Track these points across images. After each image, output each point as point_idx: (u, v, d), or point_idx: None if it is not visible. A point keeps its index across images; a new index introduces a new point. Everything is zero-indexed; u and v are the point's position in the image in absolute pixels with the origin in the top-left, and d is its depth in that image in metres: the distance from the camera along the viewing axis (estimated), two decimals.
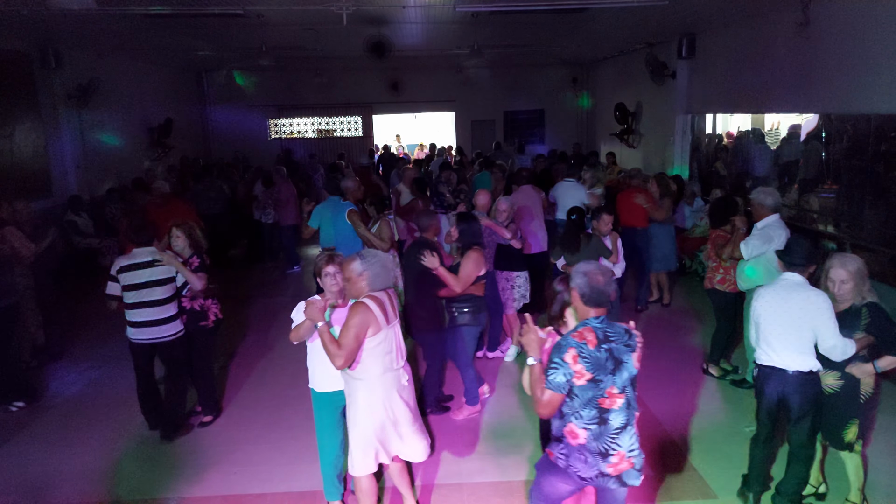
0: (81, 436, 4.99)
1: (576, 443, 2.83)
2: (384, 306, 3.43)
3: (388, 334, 3.44)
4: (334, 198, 6.77)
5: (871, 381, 3.68)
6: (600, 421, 2.79)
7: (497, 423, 5.04)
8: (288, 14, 8.04)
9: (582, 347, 2.74)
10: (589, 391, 2.76)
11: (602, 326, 2.82)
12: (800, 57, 7.50)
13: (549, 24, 9.58)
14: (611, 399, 2.79)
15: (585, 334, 2.78)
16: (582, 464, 2.83)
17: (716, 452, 4.55)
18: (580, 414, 2.80)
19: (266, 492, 4.18)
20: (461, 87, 16.19)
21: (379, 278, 3.42)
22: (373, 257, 3.45)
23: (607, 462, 2.81)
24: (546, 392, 2.77)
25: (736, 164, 9.82)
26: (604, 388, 2.76)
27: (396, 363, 3.52)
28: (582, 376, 2.73)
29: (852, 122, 6.91)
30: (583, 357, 2.72)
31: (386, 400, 3.45)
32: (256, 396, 5.59)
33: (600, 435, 2.80)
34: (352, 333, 3.27)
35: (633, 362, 2.85)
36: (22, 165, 8.93)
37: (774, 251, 3.90)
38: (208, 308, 4.97)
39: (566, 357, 2.74)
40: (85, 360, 6.44)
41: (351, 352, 3.28)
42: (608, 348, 2.77)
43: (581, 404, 2.78)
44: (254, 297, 8.60)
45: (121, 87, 11.52)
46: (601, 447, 2.80)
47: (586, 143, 16.43)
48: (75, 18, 7.60)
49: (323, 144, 16.76)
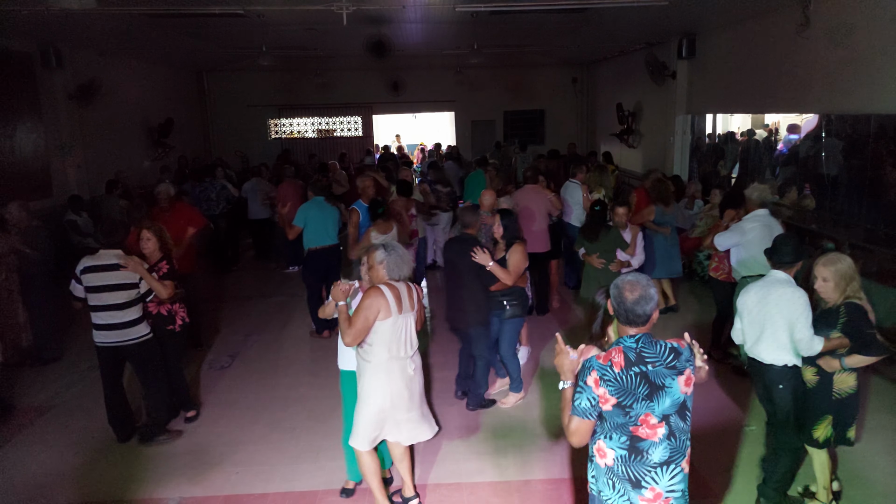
0: (82, 436, 5.00)
1: (603, 463, 2.51)
2: (400, 295, 3.61)
3: (398, 322, 3.60)
4: (319, 198, 6.82)
5: (850, 380, 3.66)
6: (632, 450, 2.43)
7: (497, 423, 5.05)
8: (288, 14, 8.05)
9: (605, 370, 2.40)
10: (617, 417, 2.42)
11: (636, 346, 2.44)
12: (800, 57, 7.52)
13: (549, 24, 9.59)
14: (647, 429, 2.40)
15: (613, 355, 2.43)
16: (609, 489, 2.49)
17: (716, 452, 4.56)
18: (611, 435, 2.46)
19: (267, 492, 4.19)
20: (461, 87, 16.19)
21: (398, 268, 3.64)
22: (394, 249, 3.68)
23: (639, 493, 2.43)
24: (573, 419, 2.45)
25: (748, 164, 9.77)
26: (635, 415, 2.39)
27: (404, 351, 3.67)
28: (608, 402, 2.40)
29: (851, 122, 6.92)
30: (605, 381, 2.39)
31: (388, 384, 3.63)
32: (257, 397, 5.60)
33: (632, 463, 2.44)
34: (362, 315, 3.51)
35: (680, 386, 2.43)
36: (22, 165, 8.93)
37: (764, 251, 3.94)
38: (175, 312, 4.96)
39: (588, 381, 2.42)
40: (85, 361, 6.44)
41: (359, 331, 3.51)
42: (641, 371, 2.40)
43: (611, 428, 2.45)
44: (254, 297, 8.61)
45: (121, 87, 11.52)
46: (631, 475, 2.44)
47: (586, 143, 16.43)
48: (76, 18, 7.62)
49: (323, 144, 16.77)
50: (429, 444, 4.68)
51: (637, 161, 12.84)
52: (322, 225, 6.72)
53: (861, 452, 4.45)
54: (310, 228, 6.68)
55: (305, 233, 6.70)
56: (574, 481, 4.25)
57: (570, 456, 4.54)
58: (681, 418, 2.44)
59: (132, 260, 4.54)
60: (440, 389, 5.59)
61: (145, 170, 12.13)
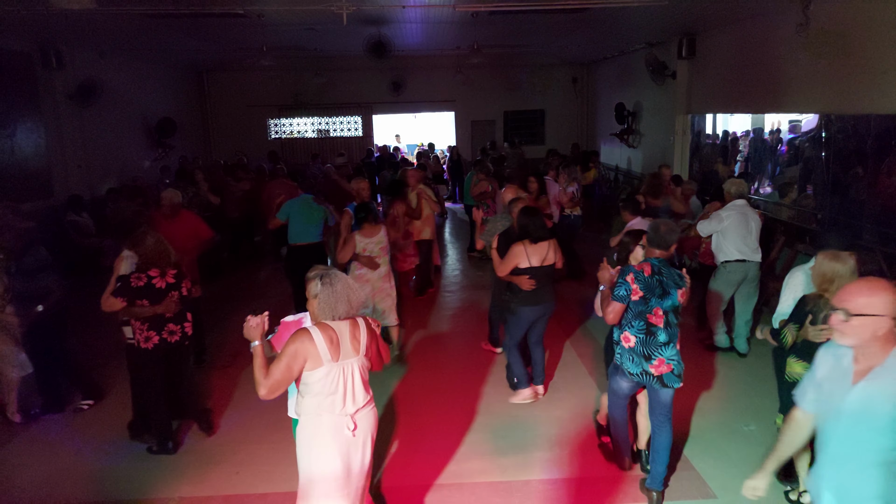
0: (82, 436, 5.00)
1: (627, 346, 3.84)
2: (337, 338, 2.98)
3: (332, 372, 2.95)
4: (307, 196, 6.95)
5: (794, 365, 3.80)
6: (647, 332, 3.77)
7: (497, 423, 5.05)
8: (288, 14, 8.04)
9: (639, 274, 3.74)
10: (640, 306, 3.75)
11: (658, 264, 3.79)
12: (800, 57, 7.52)
13: (549, 24, 9.58)
14: (656, 317, 3.75)
15: (644, 266, 3.78)
16: (630, 362, 3.84)
17: (715, 452, 4.56)
18: (632, 324, 3.79)
19: (268, 492, 4.19)
20: (461, 87, 16.18)
21: (330, 307, 2.98)
22: (333, 280, 3.01)
23: (650, 363, 3.78)
24: (612, 303, 3.77)
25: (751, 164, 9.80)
26: (651, 306, 3.74)
27: (342, 407, 2.99)
28: (637, 294, 3.73)
29: (852, 122, 6.93)
30: (638, 280, 3.73)
31: (317, 448, 3.00)
32: (258, 397, 5.57)
33: (647, 343, 3.77)
34: (283, 363, 2.91)
35: (678, 296, 3.79)
36: (22, 165, 8.93)
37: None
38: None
39: (627, 278, 3.75)
40: (85, 361, 6.43)
41: (276, 382, 2.93)
42: (659, 279, 3.75)
43: (633, 316, 3.77)
44: (254, 297, 8.61)
45: (121, 87, 11.52)
46: (646, 352, 3.78)
47: (586, 143, 16.44)
48: (76, 18, 7.61)
49: (323, 144, 16.76)
50: (429, 444, 4.69)
51: (637, 161, 12.84)
52: (305, 222, 6.79)
53: None
54: (293, 225, 6.79)
55: (289, 229, 6.82)
56: (574, 481, 4.25)
57: (570, 456, 4.54)
58: (675, 315, 3.83)
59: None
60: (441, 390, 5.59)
61: (145, 170, 12.12)
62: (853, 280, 3.54)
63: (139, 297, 4.40)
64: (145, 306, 4.41)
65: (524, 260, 4.96)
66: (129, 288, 4.37)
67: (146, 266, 4.47)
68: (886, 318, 2.23)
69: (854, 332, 2.28)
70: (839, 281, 3.52)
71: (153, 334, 4.50)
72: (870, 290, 2.27)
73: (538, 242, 4.98)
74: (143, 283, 4.41)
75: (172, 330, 4.57)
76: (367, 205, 6.07)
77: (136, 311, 4.41)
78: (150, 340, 4.50)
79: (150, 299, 4.42)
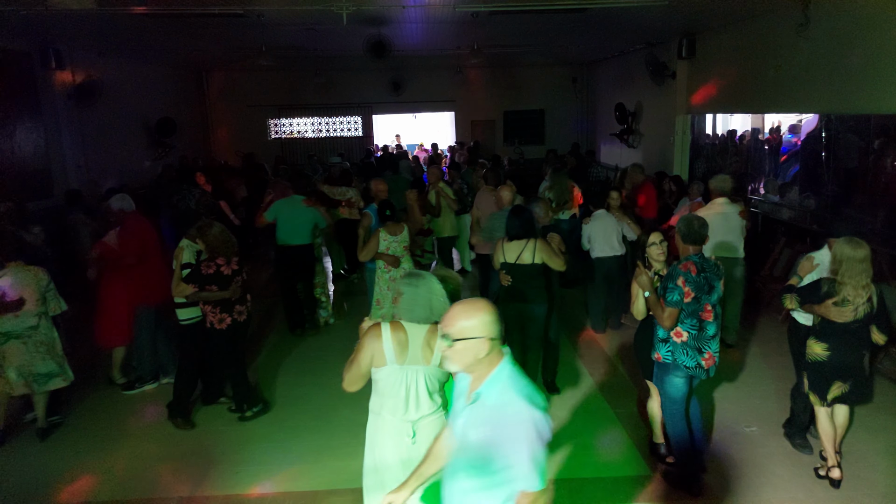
0: (82, 435, 5.00)
1: (680, 340, 3.91)
2: (406, 341, 2.88)
3: (395, 375, 2.88)
4: (297, 197, 6.99)
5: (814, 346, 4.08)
6: (699, 329, 3.87)
7: None
8: (288, 14, 8.04)
9: (688, 275, 3.78)
10: (693, 305, 3.82)
11: (699, 261, 3.86)
12: (800, 57, 7.51)
13: (549, 24, 9.58)
14: (706, 313, 3.86)
15: (689, 266, 3.81)
16: (684, 356, 3.90)
17: (715, 452, 4.56)
18: (684, 322, 3.87)
19: (268, 492, 4.19)
20: (461, 87, 16.19)
21: (410, 309, 2.91)
22: (419, 283, 2.92)
23: (702, 356, 3.90)
24: (667, 309, 3.81)
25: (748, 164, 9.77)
26: (703, 304, 3.83)
27: (402, 412, 2.91)
28: (690, 295, 3.78)
29: (852, 122, 6.93)
30: (689, 282, 3.77)
31: (377, 445, 2.98)
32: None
33: (699, 338, 3.88)
34: (357, 355, 2.90)
35: (720, 287, 3.91)
36: (22, 165, 8.93)
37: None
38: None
39: (678, 282, 3.78)
40: (84, 360, 6.44)
41: (352, 375, 2.90)
42: (705, 276, 3.81)
43: (686, 315, 3.85)
44: (254, 297, 8.58)
45: (121, 87, 11.51)
46: (698, 345, 3.89)
47: (586, 143, 16.43)
48: (76, 18, 7.61)
49: (323, 144, 16.76)
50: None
51: (637, 161, 12.82)
52: (292, 224, 6.83)
53: (861, 453, 4.46)
54: (281, 225, 6.86)
55: (277, 230, 6.90)
56: (574, 481, 4.25)
57: (570, 456, 4.54)
58: (719, 307, 3.92)
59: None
60: None
61: (145, 170, 12.12)
62: (867, 267, 3.76)
63: (209, 283, 4.77)
64: (214, 291, 4.79)
65: (500, 255, 5.13)
66: (199, 275, 4.76)
67: (214, 255, 4.82)
68: (485, 339, 2.16)
69: (458, 357, 2.19)
70: (849, 265, 3.79)
71: (226, 316, 4.92)
72: (467, 312, 2.18)
73: (513, 240, 5.08)
74: (213, 271, 4.77)
75: (240, 311, 5.02)
76: (389, 202, 6.09)
77: (204, 295, 4.81)
78: (224, 322, 4.92)
79: (220, 285, 4.80)
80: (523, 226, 5.05)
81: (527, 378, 2.24)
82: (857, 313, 3.85)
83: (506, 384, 2.18)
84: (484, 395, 2.20)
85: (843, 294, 3.84)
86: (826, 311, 3.91)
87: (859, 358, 3.99)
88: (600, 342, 6.74)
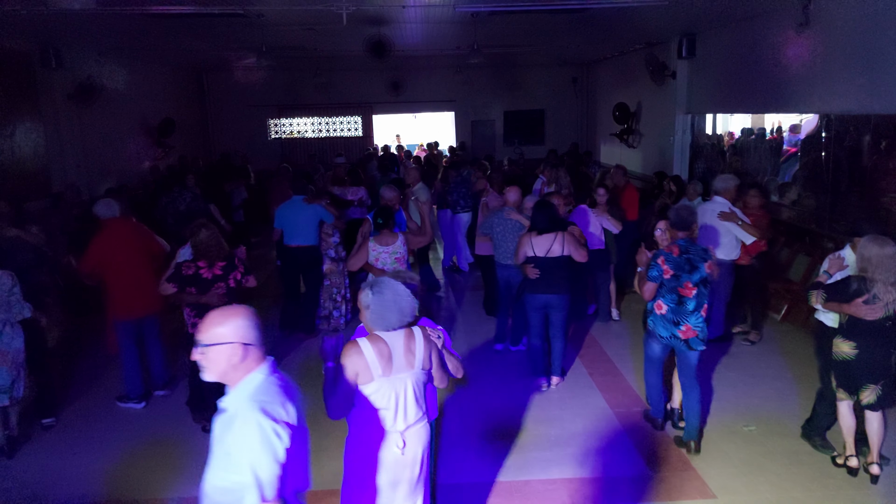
0: (82, 436, 5.00)
1: (660, 313, 4.45)
2: (389, 352, 2.82)
3: (383, 387, 2.82)
4: (298, 197, 6.95)
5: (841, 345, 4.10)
6: (678, 302, 4.35)
7: (497, 423, 5.04)
8: (288, 14, 8.03)
9: (668, 255, 4.34)
10: (672, 282, 4.33)
11: (684, 244, 4.35)
12: (800, 57, 7.51)
13: (549, 24, 9.57)
14: (686, 290, 4.33)
15: (672, 248, 4.36)
16: (661, 327, 4.45)
17: (715, 452, 4.56)
18: (665, 296, 4.39)
19: None
20: (461, 87, 16.18)
21: (382, 316, 2.83)
22: (382, 289, 2.84)
23: (678, 329, 4.37)
24: (647, 283, 4.38)
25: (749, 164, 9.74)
26: (682, 281, 4.31)
27: (392, 424, 2.86)
28: (669, 273, 4.32)
29: (853, 122, 6.91)
30: (668, 261, 4.32)
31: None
32: None
33: (677, 311, 4.36)
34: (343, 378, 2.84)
35: (705, 268, 4.31)
36: (22, 165, 8.92)
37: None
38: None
39: (658, 261, 4.35)
40: (84, 360, 6.44)
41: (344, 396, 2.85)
42: (687, 257, 4.31)
43: (666, 290, 4.38)
44: (253, 297, 8.59)
45: (121, 87, 11.51)
46: (675, 318, 4.37)
47: (586, 143, 16.44)
48: (75, 18, 7.60)
49: (323, 144, 16.76)
50: None
51: (637, 161, 12.83)
52: (294, 224, 6.79)
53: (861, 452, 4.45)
54: (285, 227, 6.86)
55: (284, 232, 6.89)
56: (574, 482, 4.25)
57: (570, 456, 4.54)
58: (703, 286, 4.35)
59: None
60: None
61: (145, 170, 12.11)
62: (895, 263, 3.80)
63: (188, 284, 4.71)
64: (192, 294, 4.72)
65: (529, 249, 5.32)
66: (180, 275, 4.70)
67: (197, 257, 4.77)
68: (237, 344, 2.13)
69: (211, 365, 2.16)
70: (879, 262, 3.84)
71: (198, 321, 4.61)
72: (221, 318, 2.16)
73: (543, 234, 5.28)
74: (192, 273, 4.71)
75: None
76: (388, 209, 5.71)
77: (183, 297, 4.75)
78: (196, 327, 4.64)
79: (198, 288, 4.71)
80: (551, 220, 5.34)
81: (278, 387, 2.19)
82: (887, 310, 3.89)
83: (248, 393, 2.15)
84: (227, 403, 2.18)
85: (874, 291, 3.87)
86: (856, 309, 3.93)
87: (887, 356, 4.01)
88: (600, 342, 6.74)
